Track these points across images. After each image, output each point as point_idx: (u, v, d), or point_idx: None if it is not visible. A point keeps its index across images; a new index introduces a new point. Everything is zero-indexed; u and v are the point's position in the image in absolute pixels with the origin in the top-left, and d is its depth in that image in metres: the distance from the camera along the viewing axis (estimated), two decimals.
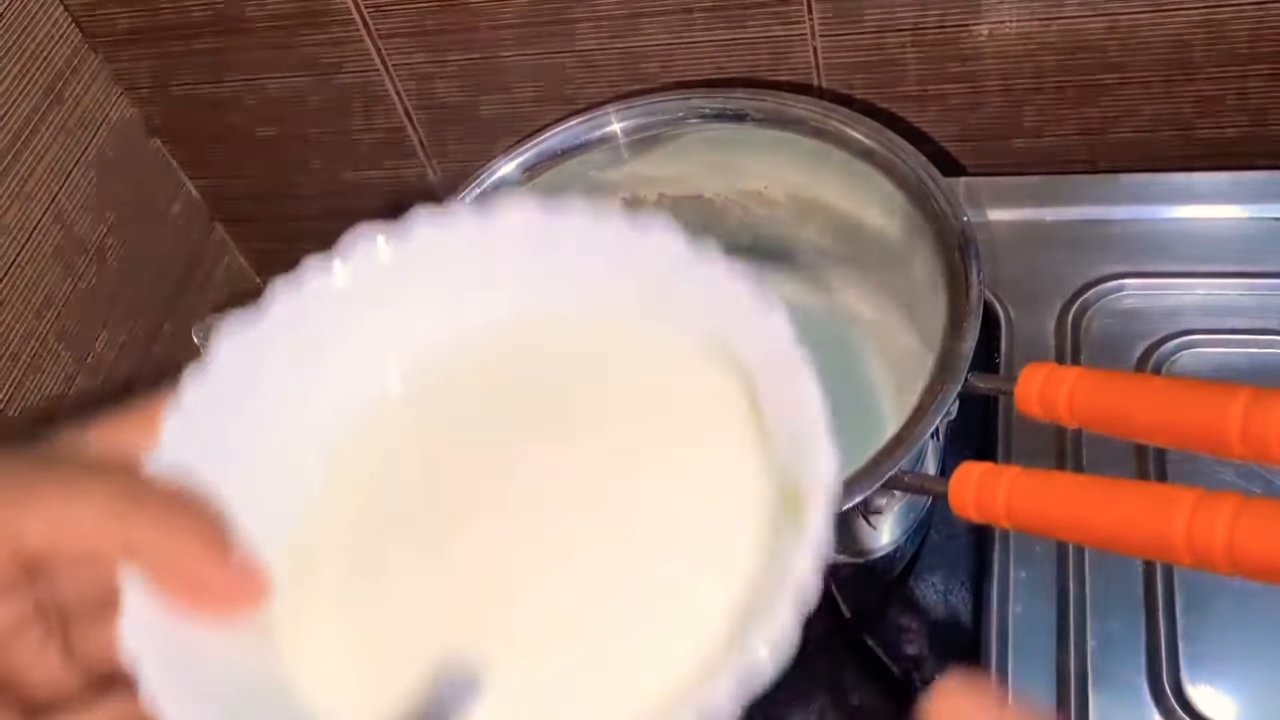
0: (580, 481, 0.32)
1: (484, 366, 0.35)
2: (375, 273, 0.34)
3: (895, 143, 0.58)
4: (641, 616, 0.30)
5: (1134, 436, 0.43)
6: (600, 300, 0.33)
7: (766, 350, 0.30)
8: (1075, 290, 0.71)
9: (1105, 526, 0.39)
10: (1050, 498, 0.41)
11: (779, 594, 0.27)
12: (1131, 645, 0.58)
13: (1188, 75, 0.73)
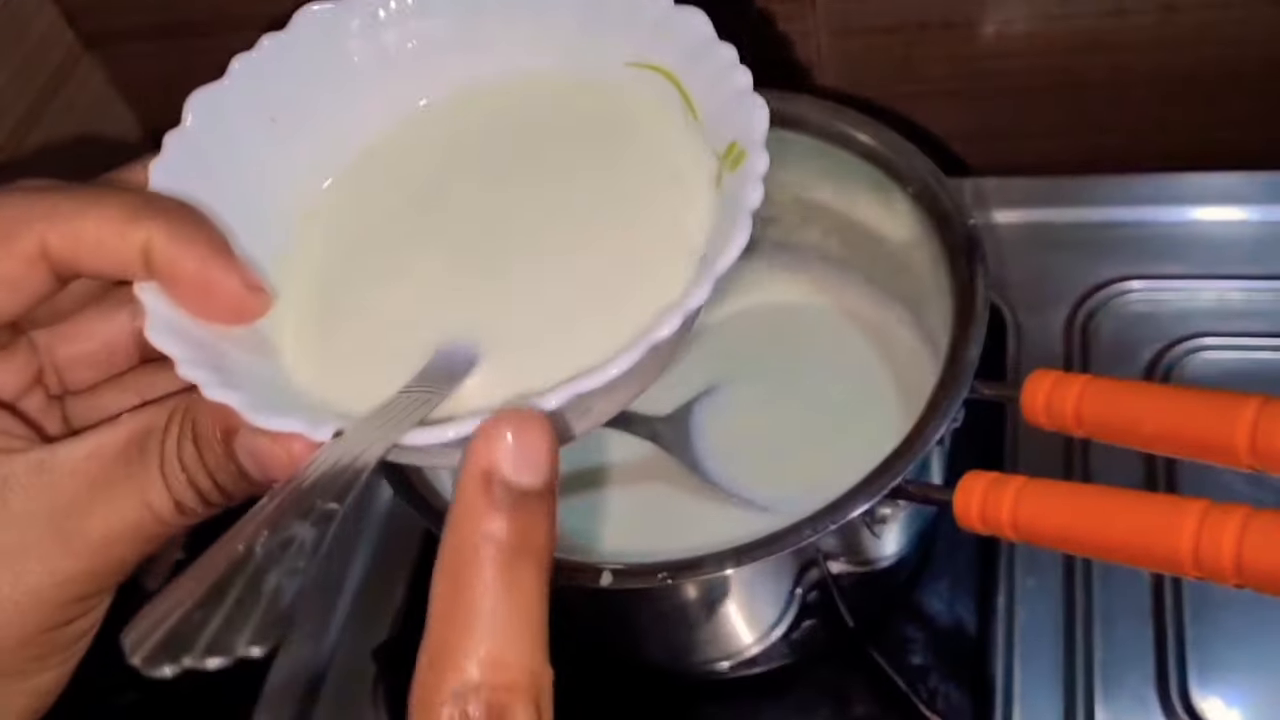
0: (550, 187, 0.38)
1: (459, 120, 0.41)
2: (373, 29, 0.39)
3: (901, 145, 0.57)
4: (621, 268, 0.36)
5: (1141, 446, 0.42)
6: (550, 45, 0.40)
7: (690, 46, 0.37)
8: (1083, 293, 0.71)
9: (1111, 539, 0.38)
10: (1056, 509, 0.40)
11: (737, 213, 0.33)
12: (1140, 654, 0.57)
13: (1198, 75, 0.72)
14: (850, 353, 0.65)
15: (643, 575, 0.47)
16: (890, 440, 0.57)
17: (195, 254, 0.33)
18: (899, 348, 0.64)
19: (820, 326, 0.67)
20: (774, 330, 0.68)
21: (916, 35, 0.73)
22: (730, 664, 0.59)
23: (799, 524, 0.47)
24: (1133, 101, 0.74)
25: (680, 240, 0.35)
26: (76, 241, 0.32)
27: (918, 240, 0.58)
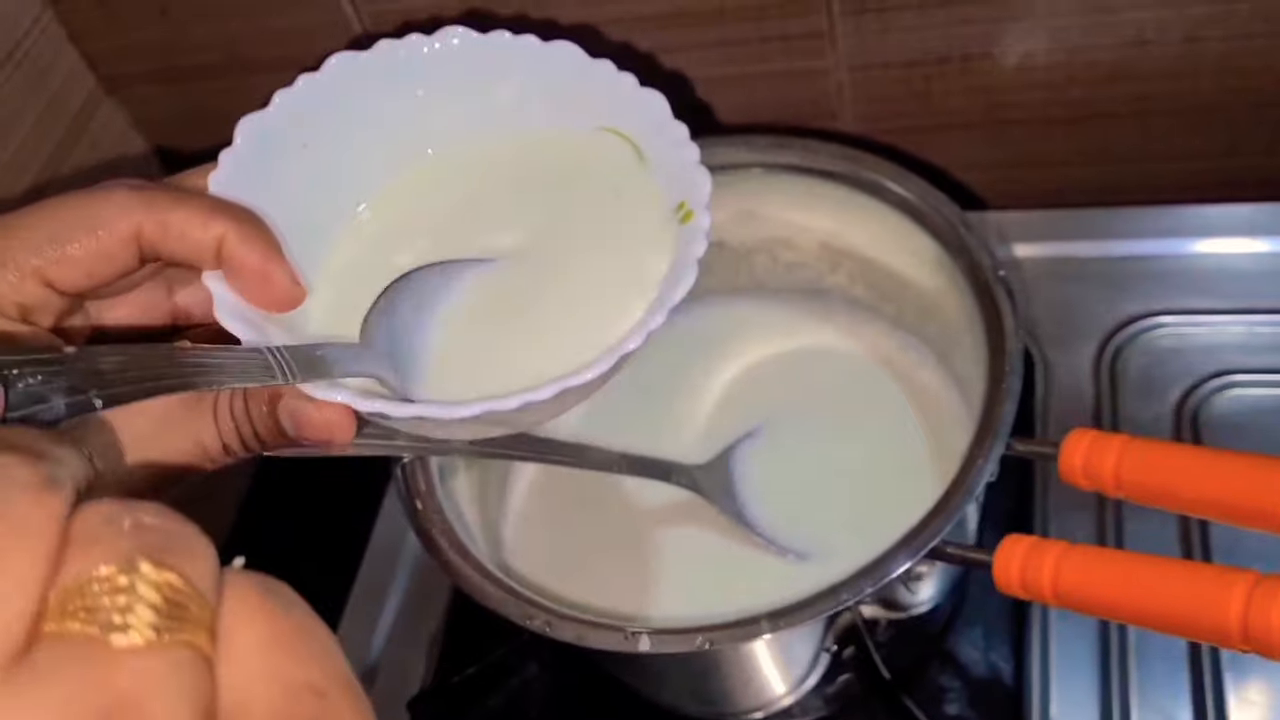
0: (540, 236, 0.46)
1: (465, 165, 0.48)
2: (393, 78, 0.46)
3: (929, 193, 0.57)
4: (594, 301, 0.44)
5: (1180, 509, 0.41)
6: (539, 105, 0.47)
7: (651, 121, 0.44)
8: (1110, 329, 0.70)
9: (1156, 610, 0.38)
10: (1099, 577, 0.39)
11: (687, 260, 0.41)
12: (1178, 698, 0.57)
13: (1221, 105, 0.71)
14: (880, 397, 0.65)
15: (681, 640, 0.47)
16: (922, 482, 0.57)
17: (259, 250, 0.40)
18: (928, 391, 0.64)
19: (850, 371, 0.67)
20: (805, 376, 0.67)
21: (936, 69, 0.72)
22: (764, 714, 0.59)
23: (837, 587, 0.46)
24: (1155, 132, 0.74)
25: (643, 280, 0.43)
26: (165, 230, 0.38)
27: (946, 287, 0.58)
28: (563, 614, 0.50)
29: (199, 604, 0.22)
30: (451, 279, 0.45)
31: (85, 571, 0.21)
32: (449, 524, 0.54)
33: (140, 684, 0.20)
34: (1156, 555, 0.38)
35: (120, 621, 0.21)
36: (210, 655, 0.22)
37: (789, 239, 0.67)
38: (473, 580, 0.52)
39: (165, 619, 0.21)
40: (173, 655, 0.21)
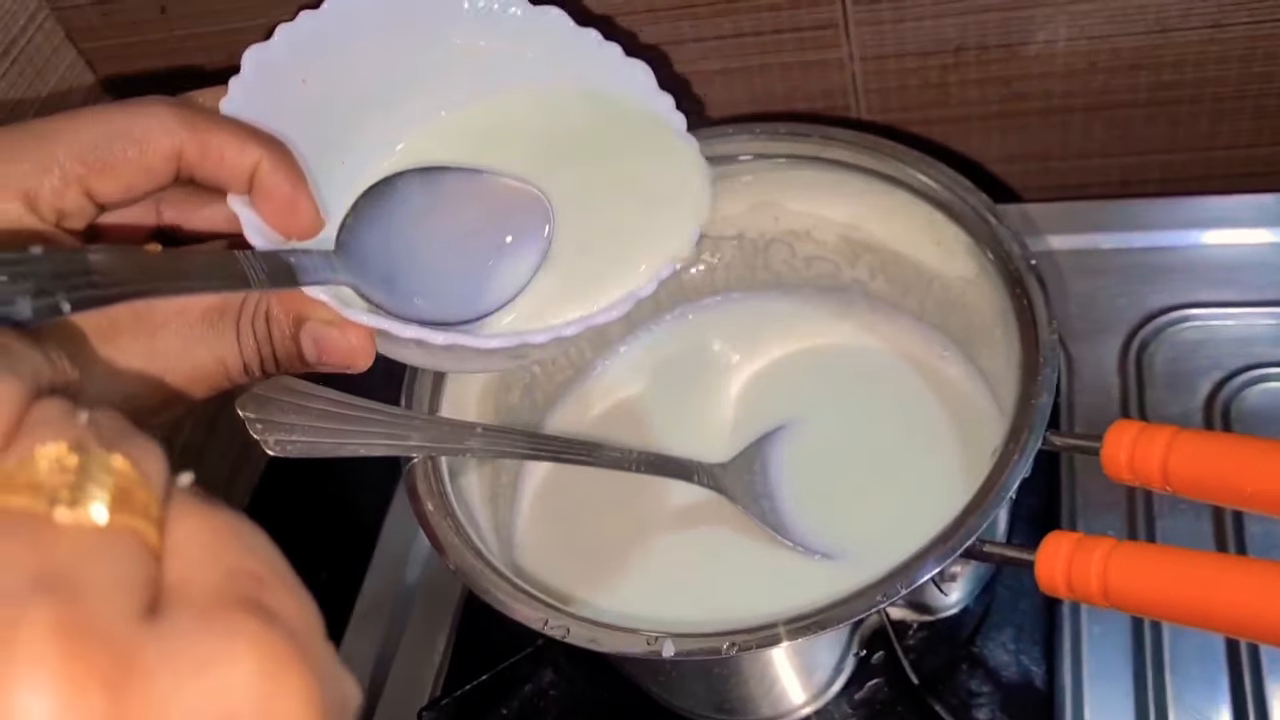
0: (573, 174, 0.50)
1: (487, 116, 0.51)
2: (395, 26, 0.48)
3: (955, 181, 0.55)
4: (621, 242, 0.48)
5: (1233, 503, 0.39)
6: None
7: (638, 89, 0.50)
8: (1137, 322, 0.69)
9: (1214, 608, 0.36)
10: (1152, 575, 0.37)
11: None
12: (1216, 701, 0.55)
13: (1246, 92, 0.70)
14: (904, 392, 0.63)
15: (707, 645, 0.45)
16: (951, 479, 0.56)
17: (289, 179, 0.41)
18: (953, 386, 0.62)
19: (872, 366, 0.65)
20: (827, 372, 0.66)
21: (953, 59, 0.71)
22: None
23: (870, 588, 0.45)
24: (1180, 121, 0.72)
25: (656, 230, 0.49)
26: (205, 152, 0.39)
27: (973, 278, 0.56)
28: (581, 619, 0.48)
29: (147, 494, 0.22)
30: (433, 187, 0.46)
31: (32, 448, 0.21)
32: (461, 526, 0.52)
33: (78, 559, 0.20)
34: (1209, 551, 0.36)
35: (67, 498, 0.21)
36: (155, 546, 0.21)
37: (808, 231, 0.66)
38: (487, 584, 0.50)
39: (113, 502, 0.21)
40: (116, 537, 0.21)
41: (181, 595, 0.21)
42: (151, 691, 0.19)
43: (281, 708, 0.20)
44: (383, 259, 0.44)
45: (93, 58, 0.80)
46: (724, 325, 0.70)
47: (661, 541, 0.61)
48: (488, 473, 0.61)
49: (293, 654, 0.21)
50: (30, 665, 0.18)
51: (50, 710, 0.18)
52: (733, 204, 0.65)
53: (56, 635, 0.18)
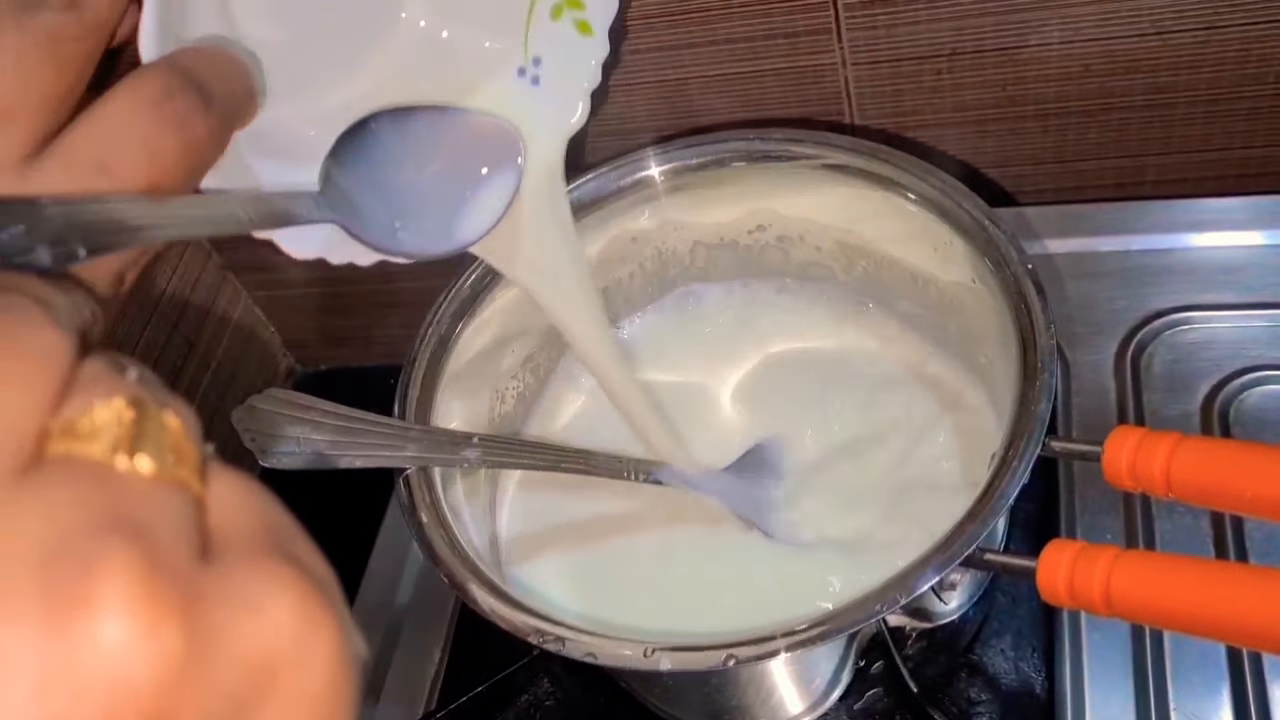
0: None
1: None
2: None
3: (951, 185, 0.55)
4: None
5: (1237, 509, 0.39)
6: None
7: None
8: (1132, 326, 0.68)
9: (1221, 617, 0.35)
10: (1157, 584, 0.37)
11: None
12: (1218, 709, 0.55)
13: (1242, 94, 0.69)
14: (900, 397, 0.63)
15: (704, 657, 0.45)
16: (949, 485, 0.55)
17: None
18: (951, 391, 0.62)
19: (869, 371, 0.65)
20: (823, 377, 0.65)
21: (947, 63, 0.71)
22: None
23: (868, 598, 0.44)
24: (1175, 123, 0.72)
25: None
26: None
27: (970, 283, 0.56)
28: (577, 630, 0.48)
29: (193, 450, 0.23)
30: (406, 125, 0.46)
31: (92, 402, 0.22)
32: (455, 537, 0.52)
33: (143, 504, 0.21)
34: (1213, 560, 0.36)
35: (128, 449, 0.22)
36: (201, 497, 0.23)
37: (802, 236, 0.65)
38: (482, 597, 0.49)
39: (167, 455, 0.22)
40: (171, 487, 0.22)
41: (225, 542, 0.23)
42: (212, 626, 0.21)
43: (316, 647, 0.22)
44: (366, 197, 0.45)
45: None
46: (717, 331, 0.69)
47: (657, 549, 0.60)
48: (481, 483, 0.61)
49: (324, 600, 0.23)
50: (114, 595, 0.20)
51: (132, 636, 0.20)
52: (727, 209, 0.65)
53: (136, 569, 0.20)
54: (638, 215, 0.65)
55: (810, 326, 0.67)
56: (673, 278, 0.69)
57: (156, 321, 0.85)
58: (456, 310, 0.60)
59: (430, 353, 0.58)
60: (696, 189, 0.64)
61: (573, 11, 0.50)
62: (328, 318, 0.97)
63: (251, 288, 0.95)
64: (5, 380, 0.21)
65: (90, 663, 0.19)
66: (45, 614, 0.19)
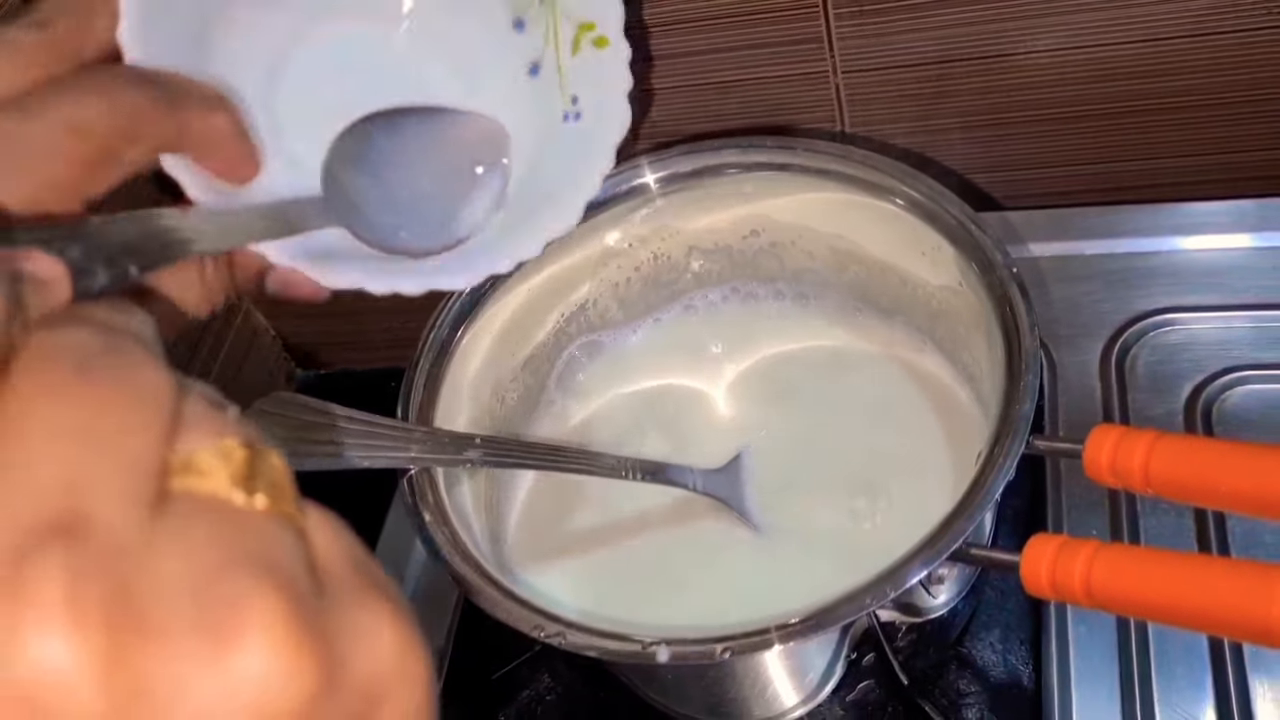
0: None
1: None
2: None
3: (938, 191, 0.57)
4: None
5: (1214, 505, 0.41)
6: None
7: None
8: (1118, 326, 0.69)
9: (1196, 608, 0.37)
10: (1135, 576, 0.38)
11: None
12: (1201, 700, 0.56)
13: (1230, 100, 0.71)
14: (892, 398, 0.64)
15: (701, 650, 0.46)
16: (938, 483, 0.57)
17: (235, 127, 0.40)
18: (940, 391, 0.63)
19: (861, 372, 0.66)
20: (816, 378, 0.67)
21: (937, 70, 0.72)
22: None
23: (861, 591, 0.46)
24: (1162, 128, 0.73)
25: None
26: (121, 127, 0.36)
27: (957, 287, 0.57)
28: (577, 625, 0.49)
29: (291, 485, 0.24)
30: (400, 127, 0.47)
31: (203, 440, 0.23)
32: (457, 535, 0.53)
33: (269, 539, 0.23)
34: (1192, 552, 0.37)
35: (244, 486, 0.23)
36: (304, 529, 0.24)
37: (794, 241, 0.67)
38: (484, 591, 0.51)
39: (274, 490, 0.23)
40: (284, 521, 0.23)
41: (328, 574, 0.24)
42: (338, 656, 0.22)
43: (415, 668, 0.24)
44: (368, 199, 0.46)
45: None
46: (714, 330, 0.70)
47: (657, 548, 0.62)
48: (482, 482, 0.62)
49: (414, 625, 0.24)
50: (263, 630, 0.21)
51: (279, 668, 0.21)
52: (720, 216, 0.66)
53: (278, 604, 0.21)
54: (633, 221, 0.66)
55: (804, 329, 0.68)
56: (668, 282, 0.70)
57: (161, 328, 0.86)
58: (458, 314, 0.61)
59: (433, 357, 0.59)
60: (690, 195, 0.65)
61: (587, 35, 0.51)
62: (328, 321, 0.98)
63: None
64: (128, 426, 0.22)
65: (244, 694, 0.21)
66: (201, 647, 0.20)
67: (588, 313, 0.69)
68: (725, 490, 0.60)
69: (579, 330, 0.70)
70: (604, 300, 0.69)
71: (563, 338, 0.69)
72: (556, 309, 0.68)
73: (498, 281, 0.61)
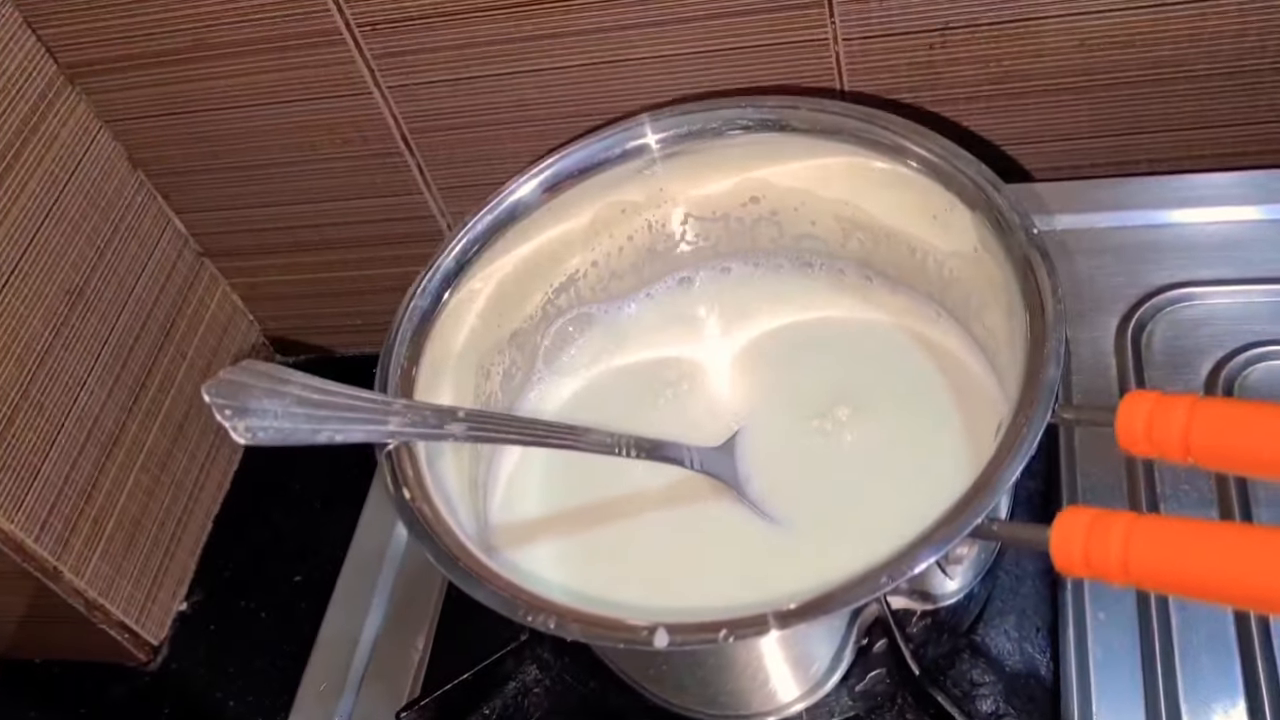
0: None
1: None
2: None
3: (953, 152, 0.54)
4: None
5: (1257, 472, 0.38)
6: None
7: None
8: (1134, 301, 0.67)
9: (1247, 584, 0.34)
10: (1179, 550, 0.35)
11: None
12: (1228, 687, 0.53)
13: (1244, 67, 0.68)
14: (901, 370, 0.62)
15: (702, 634, 0.43)
16: (953, 458, 0.54)
17: None
18: (952, 362, 0.61)
19: (868, 344, 0.64)
20: (820, 350, 0.64)
21: (940, 38, 0.69)
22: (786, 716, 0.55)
23: (875, 570, 0.42)
24: (1173, 98, 0.71)
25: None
26: None
27: (971, 252, 0.55)
28: (568, 609, 0.46)
29: None
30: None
31: None
32: (439, 513, 0.50)
33: None
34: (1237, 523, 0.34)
35: None
36: None
37: (796, 209, 0.64)
38: (467, 573, 0.47)
39: None
40: None
41: None
42: None
43: None
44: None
45: (53, 45, 0.77)
46: (712, 301, 0.68)
47: (648, 527, 0.59)
48: (466, 459, 0.59)
49: None
50: None
51: None
52: (719, 181, 0.64)
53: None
54: (628, 186, 0.63)
55: (806, 300, 0.66)
56: (663, 252, 0.67)
57: (132, 306, 0.84)
58: (440, 282, 0.58)
59: (414, 326, 0.56)
60: (689, 159, 0.63)
61: None
62: (308, 305, 0.95)
63: (230, 275, 0.94)
64: None
65: None
66: None
67: (578, 284, 0.67)
68: (724, 469, 0.57)
69: (569, 303, 0.67)
70: (595, 271, 0.66)
71: (552, 310, 0.66)
72: (545, 280, 0.65)
73: (483, 249, 0.58)
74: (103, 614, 0.78)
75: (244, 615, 0.83)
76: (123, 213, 0.84)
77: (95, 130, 0.81)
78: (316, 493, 0.86)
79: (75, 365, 0.78)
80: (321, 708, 0.63)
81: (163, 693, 0.81)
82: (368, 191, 0.84)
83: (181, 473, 0.87)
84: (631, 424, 0.57)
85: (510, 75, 0.74)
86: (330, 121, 0.79)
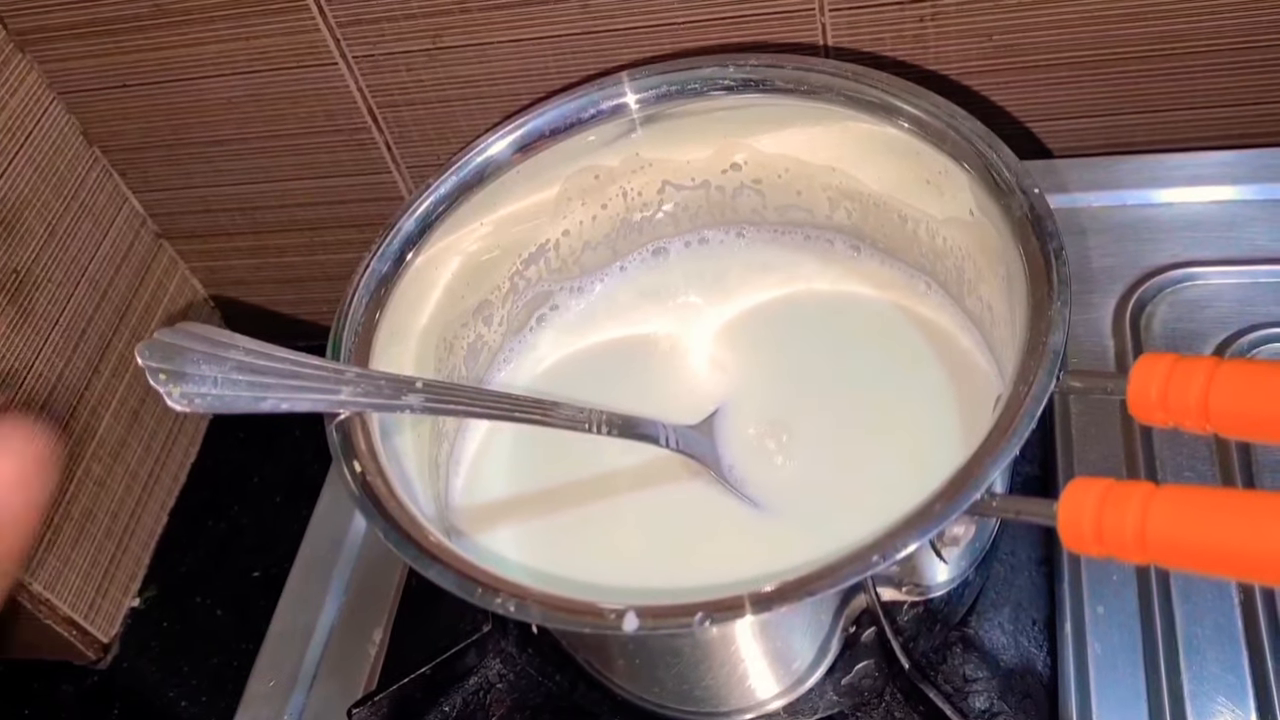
0: None
1: None
2: None
3: (946, 109, 0.51)
4: None
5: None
6: None
7: None
8: (1133, 281, 0.65)
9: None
10: (1203, 522, 0.32)
11: None
12: (1235, 684, 0.51)
13: (1255, 41, 0.66)
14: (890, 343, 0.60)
15: (676, 617, 0.39)
16: (945, 435, 0.52)
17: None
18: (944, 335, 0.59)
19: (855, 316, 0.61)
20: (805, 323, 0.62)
21: (931, 9, 0.67)
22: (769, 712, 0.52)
23: (864, 549, 0.39)
24: (1181, 73, 0.69)
25: None
26: None
27: (966, 216, 0.52)
28: (530, 592, 0.42)
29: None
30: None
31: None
32: (393, 488, 0.46)
33: None
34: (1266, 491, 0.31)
35: None
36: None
37: (779, 175, 0.61)
38: (422, 552, 0.44)
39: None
40: None
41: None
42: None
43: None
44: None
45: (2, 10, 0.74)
46: (689, 275, 0.65)
47: (622, 511, 0.56)
48: (427, 437, 0.56)
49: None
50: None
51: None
52: (699, 147, 0.61)
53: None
54: (604, 150, 0.60)
55: (791, 268, 0.63)
56: (638, 224, 0.64)
57: (85, 288, 0.81)
58: (400, 247, 0.55)
59: (370, 291, 0.53)
60: (668, 122, 0.60)
61: None
62: (271, 290, 0.93)
63: (189, 257, 0.91)
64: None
65: None
66: None
67: (548, 255, 0.63)
68: (702, 448, 0.54)
69: (539, 275, 0.64)
70: (567, 241, 0.64)
71: (520, 282, 0.63)
72: (514, 250, 0.62)
73: (448, 212, 0.55)
74: (49, 610, 0.75)
75: (199, 612, 0.80)
76: (75, 189, 0.81)
77: (47, 101, 0.78)
78: (277, 486, 0.84)
79: (22, 348, 0.75)
80: (270, 705, 0.61)
81: (113, 692, 0.78)
82: (334, 170, 0.82)
83: (136, 463, 0.83)
84: (605, 402, 0.54)
85: (483, 45, 0.71)
86: (293, 93, 0.76)
